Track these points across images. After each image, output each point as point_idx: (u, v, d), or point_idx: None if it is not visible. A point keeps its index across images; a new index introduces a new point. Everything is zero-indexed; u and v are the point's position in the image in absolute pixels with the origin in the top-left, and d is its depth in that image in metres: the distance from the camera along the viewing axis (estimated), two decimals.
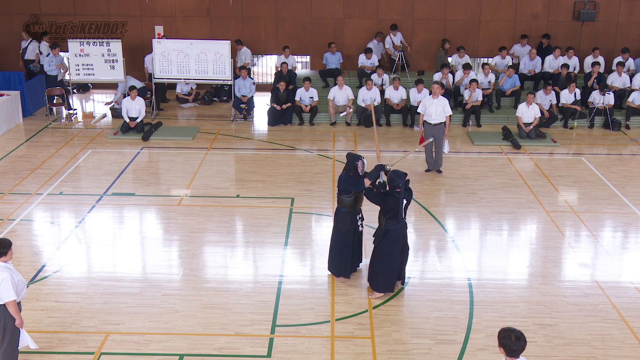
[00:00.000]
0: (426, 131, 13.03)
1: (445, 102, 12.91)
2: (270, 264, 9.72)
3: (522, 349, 5.36)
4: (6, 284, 6.73)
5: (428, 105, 12.94)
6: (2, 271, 6.75)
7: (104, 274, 9.43)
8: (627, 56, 18.22)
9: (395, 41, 18.41)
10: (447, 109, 12.91)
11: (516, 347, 5.33)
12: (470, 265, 9.75)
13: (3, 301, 6.80)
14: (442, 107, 12.87)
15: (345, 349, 7.75)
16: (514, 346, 5.32)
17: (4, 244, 6.88)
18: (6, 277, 6.73)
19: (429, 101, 12.96)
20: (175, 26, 19.31)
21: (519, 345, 5.33)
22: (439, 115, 12.89)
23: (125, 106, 15.49)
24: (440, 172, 13.26)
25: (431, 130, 12.94)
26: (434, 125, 12.93)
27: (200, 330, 8.09)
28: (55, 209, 11.62)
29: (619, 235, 10.86)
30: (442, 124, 12.94)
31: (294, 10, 19.24)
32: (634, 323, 8.32)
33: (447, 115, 12.93)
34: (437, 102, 12.87)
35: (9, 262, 6.92)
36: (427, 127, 13.02)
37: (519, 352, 5.36)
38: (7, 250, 6.86)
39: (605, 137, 15.96)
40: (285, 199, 11.98)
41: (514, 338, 5.33)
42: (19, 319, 6.94)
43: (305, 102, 16.71)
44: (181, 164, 13.76)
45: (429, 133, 12.96)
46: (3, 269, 6.78)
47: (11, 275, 6.80)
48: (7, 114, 15.85)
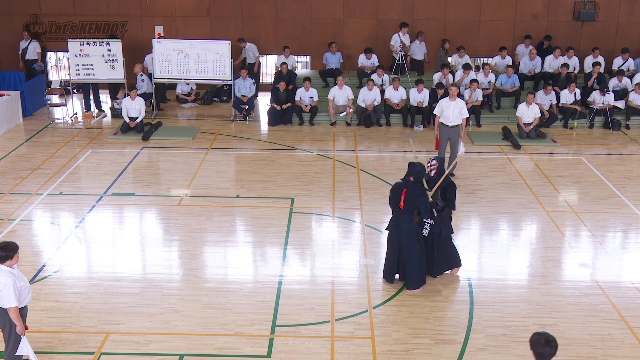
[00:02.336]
0: (442, 133, 12.94)
1: (462, 105, 12.86)
2: (270, 264, 9.72)
3: (551, 355, 5.24)
4: (8, 290, 6.63)
5: (445, 108, 12.85)
6: (6, 277, 6.65)
7: (104, 274, 9.43)
8: (627, 56, 18.23)
9: (405, 41, 18.30)
10: (464, 112, 12.82)
11: (544, 351, 5.24)
12: (470, 265, 9.74)
13: (5, 307, 6.73)
14: (460, 110, 12.81)
15: (345, 349, 7.75)
16: (541, 349, 5.25)
17: (10, 247, 6.76)
18: (9, 283, 6.63)
19: (446, 103, 12.86)
20: (175, 26, 19.31)
21: (548, 351, 5.23)
22: (457, 117, 12.82)
23: (125, 106, 15.50)
24: (453, 175, 13.18)
25: (447, 132, 12.86)
26: (451, 127, 12.86)
27: (200, 330, 8.09)
28: (55, 209, 11.62)
29: (619, 235, 10.86)
30: (458, 126, 12.87)
31: (294, 10, 19.24)
32: (634, 323, 8.32)
33: (463, 117, 12.86)
34: (455, 104, 12.79)
35: (14, 267, 6.81)
36: (443, 128, 12.92)
37: (548, 357, 5.25)
38: (12, 254, 6.75)
39: (605, 137, 15.96)
40: (285, 199, 11.98)
41: (543, 341, 5.26)
42: (20, 325, 6.82)
43: (305, 102, 16.71)
44: (181, 164, 13.76)
45: (445, 135, 12.90)
46: (7, 274, 6.67)
47: (14, 281, 6.69)
48: (7, 114, 15.85)
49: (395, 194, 8.80)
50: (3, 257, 6.70)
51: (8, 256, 6.72)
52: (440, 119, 12.95)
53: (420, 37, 18.61)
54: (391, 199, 8.88)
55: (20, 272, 6.94)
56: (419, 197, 8.64)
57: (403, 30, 18.31)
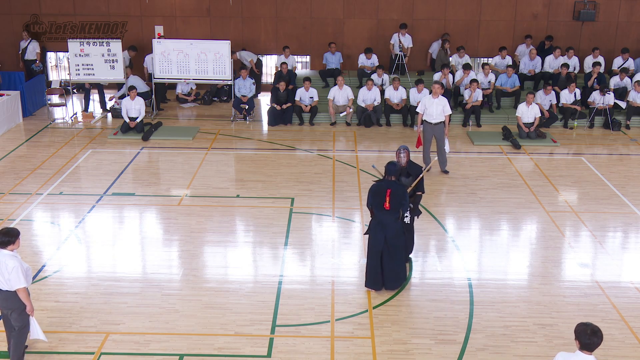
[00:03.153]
0: (426, 130, 13.05)
1: (445, 102, 12.95)
2: (270, 264, 9.72)
3: (596, 345, 5.58)
4: (16, 272, 6.91)
5: (428, 105, 12.97)
6: (12, 259, 6.93)
7: (104, 274, 9.43)
8: (627, 56, 18.23)
9: (404, 42, 18.29)
10: (447, 109, 12.95)
11: (589, 341, 5.56)
12: (470, 265, 9.75)
13: (14, 288, 6.96)
14: (442, 107, 12.91)
15: (345, 349, 7.75)
16: (588, 339, 5.57)
17: (12, 232, 7.06)
18: (16, 265, 6.91)
19: (429, 101, 12.98)
20: (175, 26, 19.31)
21: (594, 341, 5.56)
22: (440, 114, 12.92)
23: (125, 106, 15.50)
24: (447, 172, 13.25)
25: (431, 130, 12.97)
26: (435, 125, 12.96)
27: (200, 330, 8.09)
28: (55, 209, 11.62)
29: (619, 235, 10.85)
30: (442, 123, 12.97)
31: (294, 10, 19.24)
32: (634, 323, 8.32)
33: (447, 114, 12.97)
34: (438, 101, 12.90)
35: (14, 252, 7.07)
36: (427, 126, 13.04)
37: (593, 346, 5.58)
38: (14, 240, 7.07)
39: (605, 137, 15.96)
40: (285, 199, 11.98)
41: (589, 332, 5.56)
42: (30, 305, 7.10)
43: (305, 102, 16.71)
44: (181, 164, 13.76)
45: (430, 132, 12.99)
46: (12, 257, 6.97)
47: (20, 262, 6.98)
48: (7, 114, 15.85)
49: (377, 195, 8.70)
50: (5, 242, 7.00)
51: (10, 241, 7.02)
52: (424, 117, 13.05)
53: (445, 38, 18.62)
54: (372, 201, 8.77)
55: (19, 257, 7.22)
56: (404, 195, 8.71)
57: (402, 32, 18.32)
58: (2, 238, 6.99)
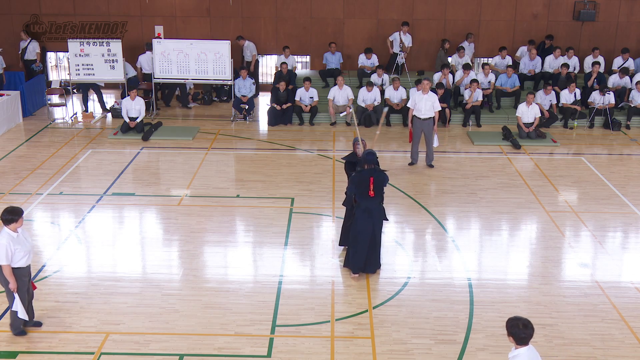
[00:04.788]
0: (415, 125, 13.36)
1: (434, 98, 13.27)
2: (270, 264, 9.72)
3: (530, 337, 5.66)
4: (1, 249, 7.27)
5: (418, 101, 13.29)
6: (3, 238, 7.30)
7: (104, 274, 9.43)
8: (627, 56, 18.22)
9: (405, 40, 18.28)
10: (436, 105, 13.27)
11: (524, 335, 5.65)
12: (470, 265, 9.75)
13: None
14: (432, 103, 13.21)
15: (345, 349, 7.75)
16: (522, 334, 5.65)
17: (15, 211, 7.41)
18: (2, 243, 7.28)
19: (419, 96, 13.30)
20: (175, 26, 19.30)
21: (527, 333, 5.65)
22: (429, 110, 13.24)
23: (125, 106, 15.49)
24: (432, 166, 13.46)
25: (421, 125, 13.30)
26: (423, 120, 13.26)
27: (200, 330, 8.09)
28: (55, 209, 11.62)
29: (619, 235, 10.86)
30: (431, 119, 13.26)
31: (294, 10, 19.24)
32: (634, 323, 8.32)
33: (436, 110, 13.25)
34: (427, 97, 13.21)
35: (19, 230, 7.41)
36: (416, 121, 13.35)
37: (528, 339, 5.67)
38: (18, 218, 7.37)
39: (605, 137, 15.96)
40: (285, 199, 11.98)
41: (521, 326, 5.65)
42: (13, 282, 7.45)
43: (305, 102, 16.71)
44: (181, 164, 13.76)
45: (419, 127, 13.31)
46: (5, 235, 7.31)
47: (9, 242, 7.30)
48: (7, 114, 15.85)
49: (361, 184, 9.01)
50: (9, 220, 7.36)
51: (13, 219, 7.36)
52: (414, 112, 13.30)
53: (470, 38, 18.67)
54: (357, 190, 9.08)
55: (25, 235, 7.58)
56: (384, 180, 9.13)
57: (404, 29, 18.31)
58: (6, 216, 7.34)
